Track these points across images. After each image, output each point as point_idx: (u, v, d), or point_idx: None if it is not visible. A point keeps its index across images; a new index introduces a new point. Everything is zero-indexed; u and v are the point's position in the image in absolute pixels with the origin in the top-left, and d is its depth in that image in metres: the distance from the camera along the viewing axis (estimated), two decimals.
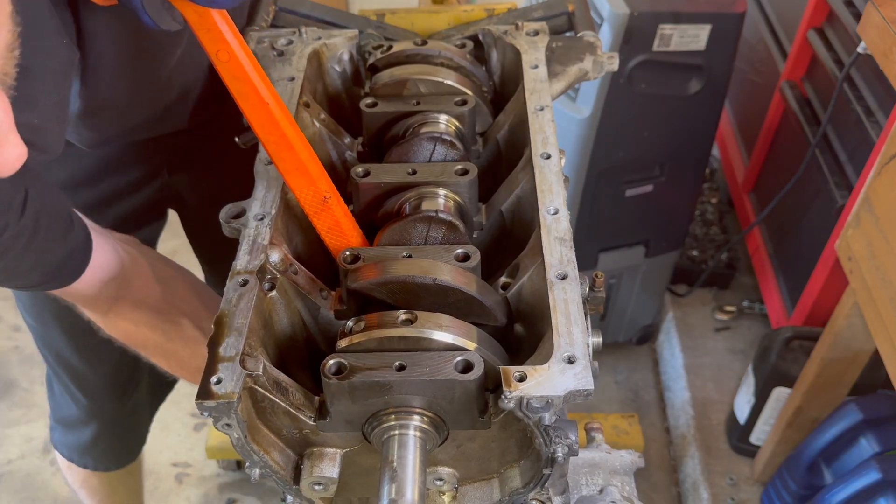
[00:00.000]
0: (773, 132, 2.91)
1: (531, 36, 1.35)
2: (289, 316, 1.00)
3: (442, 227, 1.05)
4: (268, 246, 0.98)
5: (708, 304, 3.07)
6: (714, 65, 2.28)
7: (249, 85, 0.98)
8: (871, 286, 1.76)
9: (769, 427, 2.44)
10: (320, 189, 1.04)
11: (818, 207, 2.51)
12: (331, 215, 1.06)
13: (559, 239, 0.97)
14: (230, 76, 0.97)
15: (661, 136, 2.44)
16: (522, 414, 0.82)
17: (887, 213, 1.71)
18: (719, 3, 2.21)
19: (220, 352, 0.86)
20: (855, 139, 2.32)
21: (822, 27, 2.53)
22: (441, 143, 1.16)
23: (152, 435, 2.87)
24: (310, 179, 1.04)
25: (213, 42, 0.95)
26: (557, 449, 0.85)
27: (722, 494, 2.49)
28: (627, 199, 2.56)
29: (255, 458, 0.89)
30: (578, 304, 0.89)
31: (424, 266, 0.95)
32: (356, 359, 0.86)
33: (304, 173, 1.03)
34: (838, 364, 2.09)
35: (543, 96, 1.21)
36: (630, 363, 3.11)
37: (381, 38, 1.43)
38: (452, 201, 1.11)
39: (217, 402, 0.82)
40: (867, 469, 1.86)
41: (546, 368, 0.83)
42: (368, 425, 0.88)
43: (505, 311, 0.99)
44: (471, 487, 0.98)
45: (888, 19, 1.71)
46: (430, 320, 0.89)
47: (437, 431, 0.89)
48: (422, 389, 0.85)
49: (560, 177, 1.07)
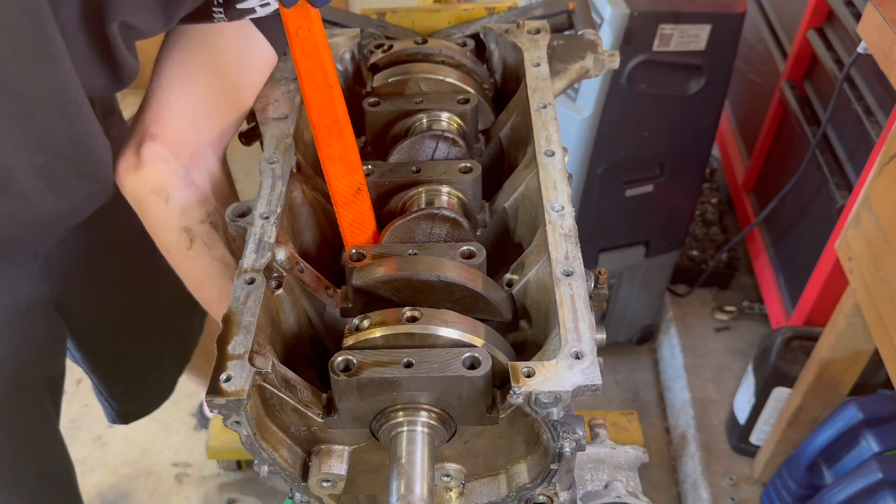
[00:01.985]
0: (773, 132, 2.91)
1: (532, 34, 1.35)
2: (295, 314, 1.00)
3: (445, 224, 1.06)
4: (274, 244, 0.99)
5: (708, 304, 3.07)
6: (714, 65, 2.28)
7: (319, 65, 1.00)
8: (871, 286, 1.76)
9: (769, 427, 2.44)
10: (356, 179, 1.06)
11: (818, 207, 2.52)
12: (359, 207, 1.07)
13: (565, 235, 0.98)
14: (304, 54, 0.99)
15: (661, 136, 2.44)
16: (531, 409, 0.82)
17: (887, 213, 1.71)
18: (719, 3, 2.21)
19: (229, 349, 0.86)
20: (855, 139, 2.32)
21: (822, 27, 2.53)
22: (443, 140, 1.17)
23: (152, 435, 2.89)
24: (351, 168, 1.05)
25: (298, 18, 0.97)
26: (565, 444, 0.85)
27: (722, 494, 2.49)
28: (627, 199, 2.56)
29: (263, 455, 0.90)
30: (585, 300, 0.89)
31: (430, 263, 0.96)
32: (364, 356, 0.86)
33: (346, 161, 1.05)
34: (838, 364, 2.09)
35: (546, 94, 1.21)
36: (630, 363, 3.12)
37: (382, 37, 1.43)
38: (456, 198, 1.11)
39: (227, 400, 0.82)
40: (867, 469, 1.86)
41: (554, 364, 0.83)
42: (376, 422, 0.89)
43: (510, 307, 0.99)
44: (478, 483, 0.99)
45: (888, 19, 1.71)
46: (436, 317, 0.90)
47: (445, 427, 0.89)
48: (430, 386, 0.85)
49: (564, 174, 1.07)
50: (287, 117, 1.19)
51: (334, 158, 1.04)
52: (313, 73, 1.00)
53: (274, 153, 1.12)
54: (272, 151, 1.12)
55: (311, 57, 0.99)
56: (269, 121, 1.18)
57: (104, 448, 2.89)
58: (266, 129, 1.17)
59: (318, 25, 0.98)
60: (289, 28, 0.98)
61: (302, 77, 1.01)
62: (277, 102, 1.22)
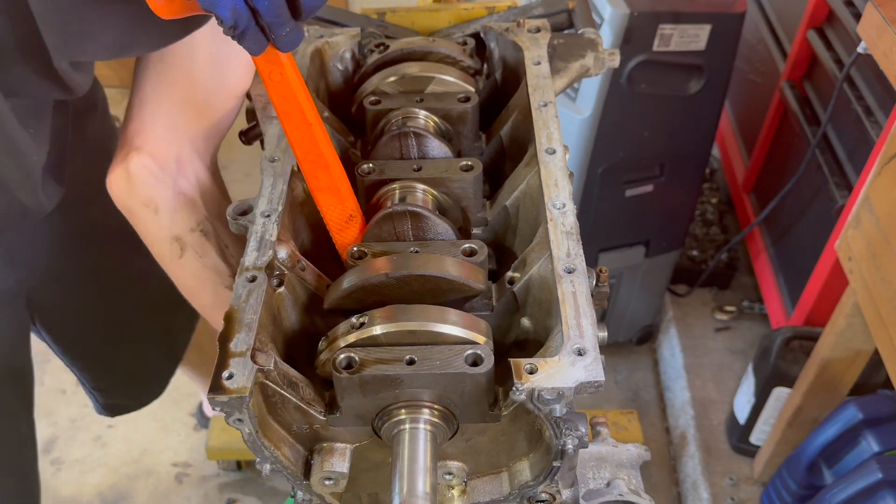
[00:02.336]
0: (773, 132, 2.91)
1: (532, 33, 1.35)
2: (297, 312, 1.00)
3: (414, 219, 1.06)
4: (276, 242, 0.99)
5: (708, 304, 3.07)
6: (714, 65, 2.28)
7: (297, 106, 0.99)
8: (871, 286, 1.77)
9: (769, 427, 2.44)
10: (347, 208, 1.07)
11: (818, 207, 2.52)
12: (352, 233, 1.08)
13: (566, 233, 0.98)
14: (279, 97, 0.99)
15: (661, 136, 2.44)
16: (533, 406, 0.82)
17: (887, 213, 1.71)
18: (719, 3, 2.21)
19: (231, 347, 0.86)
20: (855, 139, 2.32)
21: (822, 27, 2.53)
22: (417, 137, 1.17)
23: (152, 435, 2.88)
24: (340, 198, 1.06)
25: (268, 63, 0.96)
26: (568, 441, 0.85)
27: (722, 494, 2.49)
28: (627, 199, 2.56)
29: (265, 453, 0.90)
30: (587, 297, 0.89)
31: (430, 261, 0.96)
32: (366, 353, 0.86)
33: (335, 192, 1.05)
34: (838, 364, 2.09)
35: (547, 92, 1.21)
36: (630, 363, 3.12)
37: (382, 37, 1.43)
38: (430, 196, 1.12)
39: (229, 397, 0.82)
40: (867, 469, 1.86)
41: (556, 361, 0.83)
42: (379, 420, 0.89)
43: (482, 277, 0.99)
44: (480, 481, 0.98)
45: (888, 19, 1.71)
46: (438, 314, 0.90)
47: (448, 425, 0.89)
48: (432, 383, 0.85)
49: (565, 172, 1.07)
50: None
51: (323, 190, 1.05)
52: (291, 114, 1.00)
53: (275, 151, 1.12)
54: (273, 150, 1.12)
55: (288, 99, 0.99)
56: (270, 119, 1.18)
57: (104, 448, 2.88)
58: (267, 128, 1.17)
59: (289, 67, 0.97)
60: (261, 73, 0.97)
61: (280, 117, 1.01)
62: None
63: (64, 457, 2.86)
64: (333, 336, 0.91)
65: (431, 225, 1.06)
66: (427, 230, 1.07)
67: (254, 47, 0.90)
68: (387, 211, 1.06)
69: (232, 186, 1.33)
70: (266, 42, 0.90)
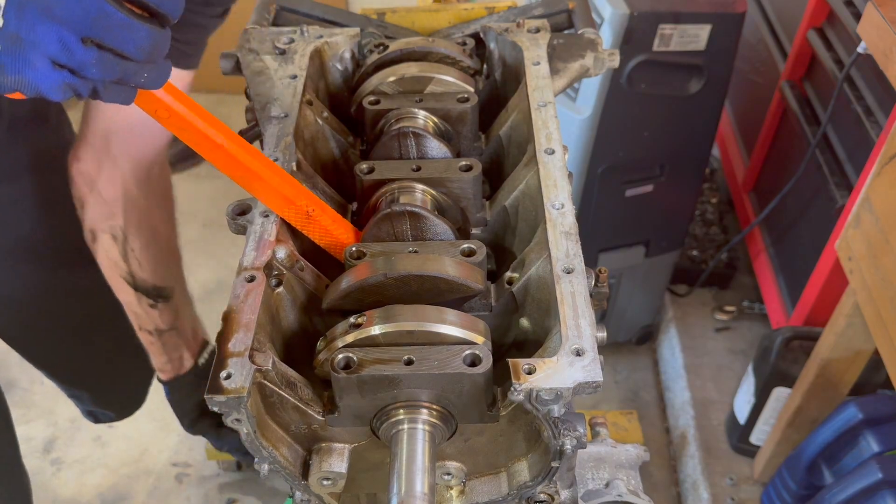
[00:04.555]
0: (773, 132, 2.91)
1: (532, 33, 1.35)
2: (295, 312, 1.00)
3: (413, 220, 1.06)
4: (274, 242, 0.99)
5: (708, 304, 3.07)
6: (714, 65, 2.28)
7: (198, 133, 0.97)
8: (871, 286, 1.76)
9: (769, 427, 2.44)
10: (301, 206, 1.04)
11: (818, 207, 2.52)
12: (318, 226, 1.06)
13: (565, 233, 0.97)
14: (177, 129, 0.97)
15: (661, 136, 2.44)
16: (532, 406, 0.82)
17: (887, 213, 1.71)
18: (719, 3, 2.21)
19: (230, 347, 0.86)
20: (855, 139, 2.32)
21: (822, 27, 2.53)
22: (416, 137, 1.16)
23: (152, 435, 2.88)
24: (287, 201, 1.03)
25: (150, 103, 0.93)
26: (566, 441, 0.85)
27: (722, 494, 2.49)
28: (627, 199, 2.56)
29: (264, 453, 0.89)
30: (586, 298, 0.89)
31: (428, 261, 0.96)
32: (364, 353, 0.86)
33: (279, 196, 1.03)
34: (838, 364, 2.09)
35: (546, 92, 1.21)
36: (630, 363, 3.12)
37: (381, 37, 1.43)
38: (429, 196, 1.11)
39: (227, 398, 0.82)
40: (867, 469, 1.86)
41: (555, 361, 0.83)
42: (377, 420, 0.89)
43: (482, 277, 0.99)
44: (479, 482, 0.98)
45: (888, 19, 1.71)
46: (437, 314, 0.90)
47: (446, 425, 0.89)
48: (430, 383, 0.85)
49: (564, 172, 1.07)
50: (287, 116, 1.18)
51: (267, 198, 1.03)
52: (197, 142, 0.98)
53: (274, 151, 1.12)
54: (272, 150, 1.12)
55: (185, 129, 0.97)
56: (269, 119, 1.18)
57: (104, 448, 2.88)
58: (266, 128, 1.17)
59: (172, 100, 0.94)
60: (148, 113, 0.94)
61: (191, 146, 0.99)
62: (277, 101, 1.22)
63: (64, 457, 2.86)
64: (332, 336, 0.91)
65: (430, 225, 1.06)
66: (426, 230, 1.06)
67: (121, 100, 0.87)
68: (385, 211, 1.05)
69: (232, 186, 1.32)
70: (133, 91, 0.87)
